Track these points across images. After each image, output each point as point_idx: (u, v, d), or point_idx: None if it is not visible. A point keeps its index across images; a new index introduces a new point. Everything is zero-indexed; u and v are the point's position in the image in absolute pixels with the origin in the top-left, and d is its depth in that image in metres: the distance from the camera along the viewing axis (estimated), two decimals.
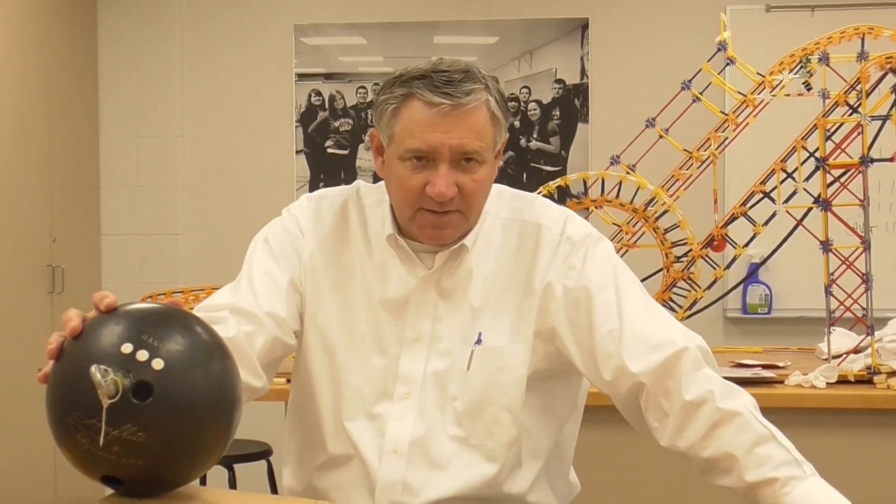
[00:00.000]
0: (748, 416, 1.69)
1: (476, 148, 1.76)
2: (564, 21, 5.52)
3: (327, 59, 5.66)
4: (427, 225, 1.81)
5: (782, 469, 1.63)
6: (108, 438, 1.30)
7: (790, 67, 3.66)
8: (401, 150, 1.78)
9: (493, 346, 1.86)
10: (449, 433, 1.85)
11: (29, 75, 5.06)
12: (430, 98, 1.73)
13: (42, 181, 5.18)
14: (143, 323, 1.38)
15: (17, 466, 4.91)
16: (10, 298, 4.88)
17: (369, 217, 1.94)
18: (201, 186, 5.75)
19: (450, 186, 1.75)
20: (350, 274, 1.91)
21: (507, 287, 1.89)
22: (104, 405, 1.28)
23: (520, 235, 1.91)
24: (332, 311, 1.90)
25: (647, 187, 3.62)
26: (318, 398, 1.91)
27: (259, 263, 1.91)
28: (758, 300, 5.35)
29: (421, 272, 1.87)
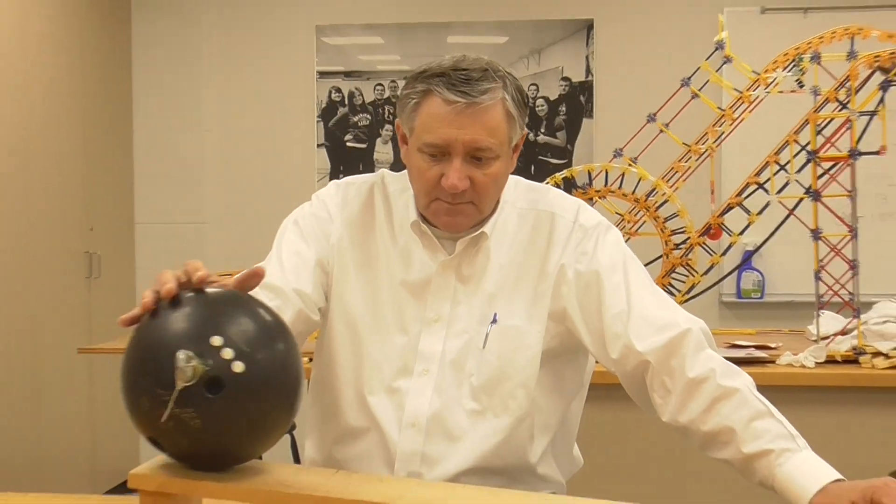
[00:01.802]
0: (747, 393, 1.70)
1: (489, 144, 1.77)
2: (570, 22, 5.51)
3: (347, 57, 5.66)
4: (441, 213, 1.82)
5: (777, 442, 1.64)
6: (169, 413, 1.30)
7: (783, 66, 3.65)
8: (419, 142, 1.79)
9: (510, 326, 1.87)
10: (465, 407, 1.86)
11: (68, 75, 5.07)
12: (447, 96, 1.74)
13: (80, 173, 5.19)
14: (239, 323, 1.38)
15: (59, 440, 4.93)
16: (50, 283, 4.89)
17: (394, 204, 1.95)
18: (227, 178, 5.76)
19: (462, 180, 1.76)
20: (375, 257, 1.92)
21: (523, 272, 1.90)
22: (177, 386, 1.28)
23: (535, 224, 1.92)
24: (357, 292, 1.91)
25: (648, 178, 3.62)
26: (340, 373, 1.91)
27: (288, 243, 1.92)
28: (751, 285, 5.35)
29: (442, 257, 1.89)
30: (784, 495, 1.62)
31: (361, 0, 5.65)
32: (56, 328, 4.93)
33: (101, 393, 5.37)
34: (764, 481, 1.66)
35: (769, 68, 3.69)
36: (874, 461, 3.23)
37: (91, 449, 5.25)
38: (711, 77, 3.73)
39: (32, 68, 4.76)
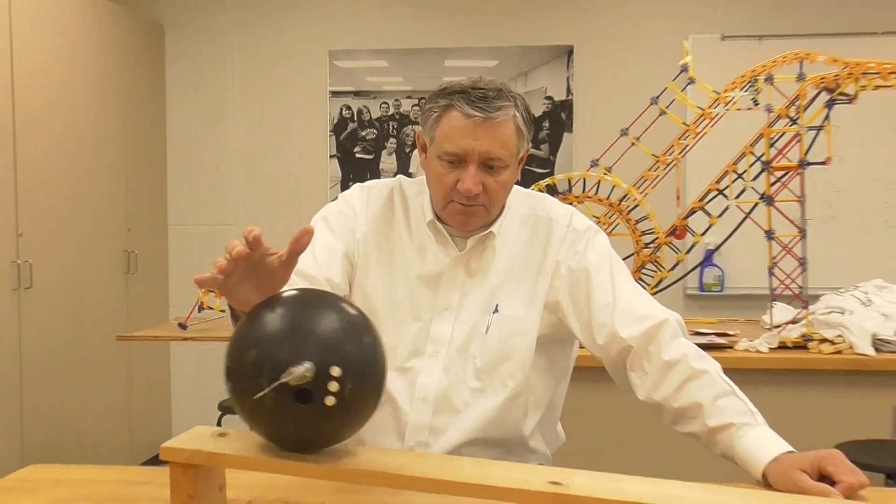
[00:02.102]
0: (714, 375, 1.75)
1: (500, 155, 1.80)
2: (553, 48, 5.51)
3: (356, 79, 5.65)
4: (456, 213, 1.85)
5: (738, 417, 1.68)
6: (262, 397, 1.28)
7: (741, 86, 3.65)
8: (439, 150, 1.82)
9: (510, 315, 1.91)
10: (469, 385, 1.89)
11: (111, 96, 5.07)
12: (467, 110, 1.77)
13: (120, 181, 5.19)
14: (351, 356, 1.33)
15: (99, 418, 4.93)
16: (93, 277, 4.89)
17: (411, 205, 1.98)
18: (250, 185, 5.76)
19: (476, 185, 1.80)
20: (393, 251, 1.95)
21: (523, 268, 1.94)
22: (279, 379, 1.26)
23: (534, 227, 1.96)
24: (377, 281, 1.94)
25: (621, 186, 3.62)
26: None
27: (320, 237, 1.93)
28: (712, 280, 5.35)
29: (453, 253, 1.92)
30: (742, 464, 1.66)
31: (369, 28, 5.65)
32: (97, 318, 4.93)
33: (137, 376, 5.37)
34: (725, 452, 1.69)
35: (728, 88, 3.69)
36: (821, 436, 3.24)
37: (128, 425, 5.25)
38: (677, 96, 3.73)
39: (80, 90, 4.76)
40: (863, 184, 5.27)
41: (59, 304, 4.59)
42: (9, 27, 4.17)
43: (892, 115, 5.24)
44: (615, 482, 1.41)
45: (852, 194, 5.28)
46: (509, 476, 1.40)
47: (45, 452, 4.37)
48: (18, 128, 4.23)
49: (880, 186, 5.28)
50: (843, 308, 3.54)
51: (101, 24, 5.00)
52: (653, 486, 1.40)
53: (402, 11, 5.63)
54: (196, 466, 1.38)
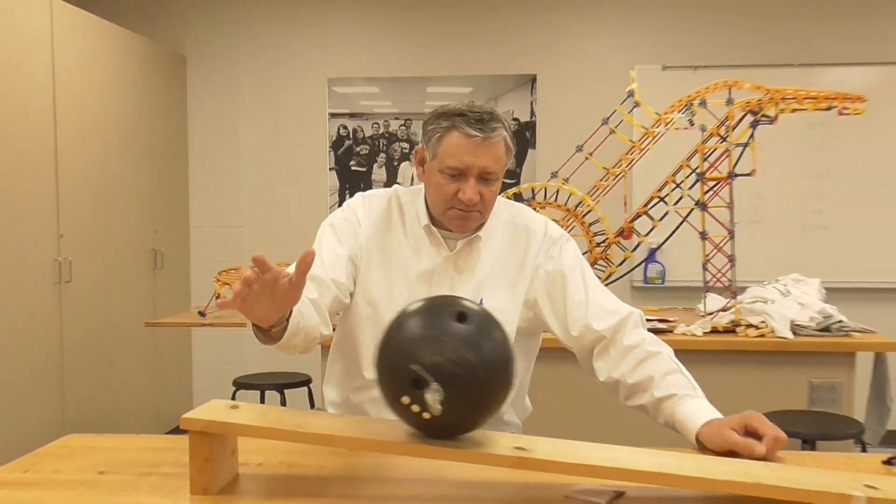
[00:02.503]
0: (665, 356, 1.80)
1: (495, 169, 1.83)
2: (519, 76, 5.51)
3: (351, 102, 5.64)
4: (455, 218, 1.87)
5: (681, 390, 1.72)
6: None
7: (679, 109, 3.66)
8: (442, 165, 1.82)
9: (493, 307, 1.86)
10: None
11: (138, 114, 5.04)
12: (468, 131, 1.79)
13: (147, 189, 5.16)
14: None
15: (129, 393, 4.91)
16: (124, 272, 4.87)
17: (406, 211, 1.97)
18: (260, 193, 5.73)
19: (476, 195, 1.82)
20: (392, 252, 1.95)
21: (505, 267, 1.95)
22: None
23: (514, 233, 1.98)
24: (378, 278, 1.93)
25: (576, 194, 3.62)
26: (361, 339, 1.94)
27: (327, 242, 1.93)
28: (655, 274, 5.36)
29: (444, 253, 1.92)
30: (680, 429, 1.69)
31: (363, 59, 5.64)
32: (128, 307, 4.90)
33: (162, 357, 5.35)
34: (667, 420, 1.72)
35: (668, 111, 3.69)
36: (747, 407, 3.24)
37: (154, 399, 5.23)
38: (624, 117, 3.73)
39: (113, 111, 4.73)
40: (782, 193, 5.30)
41: (95, 295, 4.56)
42: (51, 58, 4.14)
43: (806, 135, 5.27)
44: (572, 448, 1.41)
45: (773, 201, 5.31)
46: (479, 441, 1.40)
47: (82, 423, 4.35)
48: (60, 145, 4.20)
49: (797, 195, 5.31)
50: (766, 298, 3.56)
51: (131, 54, 4.97)
52: (604, 451, 1.40)
53: (390, 45, 5.62)
54: (212, 434, 1.38)
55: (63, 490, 1.40)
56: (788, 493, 1.29)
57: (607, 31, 5.47)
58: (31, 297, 4.00)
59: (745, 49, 5.34)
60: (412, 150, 5.56)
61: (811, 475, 1.37)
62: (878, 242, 5.25)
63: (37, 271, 4.05)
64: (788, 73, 5.22)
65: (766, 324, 3.36)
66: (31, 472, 1.50)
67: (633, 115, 3.77)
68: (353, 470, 1.51)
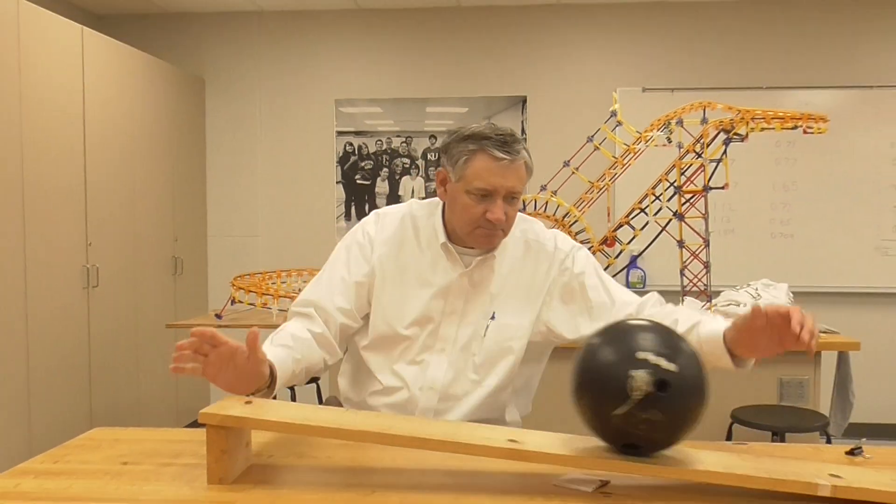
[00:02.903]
0: (684, 307, 1.80)
1: (519, 189, 1.78)
2: (511, 97, 5.52)
3: (356, 121, 5.64)
4: (482, 237, 1.81)
5: (702, 317, 1.72)
6: (637, 419, 1.25)
7: (658, 128, 3.66)
8: (469, 187, 1.76)
9: (503, 323, 1.86)
10: (469, 377, 1.84)
11: (160, 132, 5.04)
12: (495, 154, 1.73)
13: (168, 201, 5.16)
14: (649, 339, 1.30)
15: (151, 389, 4.90)
16: (146, 278, 4.86)
17: (421, 226, 1.91)
18: (273, 204, 5.73)
19: (502, 214, 1.76)
20: (407, 266, 1.88)
21: (517, 284, 1.88)
22: (635, 396, 1.23)
23: (525, 249, 1.91)
24: (393, 294, 1.87)
25: (563, 205, 3.63)
26: (376, 352, 1.89)
27: (338, 269, 1.89)
28: (636, 279, 5.36)
29: (460, 269, 1.86)
30: (708, 347, 1.63)
31: (367, 82, 5.64)
32: (150, 310, 4.90)
33: None
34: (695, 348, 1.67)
35: (648, 129, 3.70)
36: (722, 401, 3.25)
37: (174, 395, 5.21)
38: (608, 135, 3.74)
39: (137, 130, 4.73)
40: (753, 204, 5.31)
41: (120, 299, 4.55)
42: (82, 82, 4.14)
43: (774, 151, 5.28)
44: (560, 440, 1.41)
45: (744, 212, 5.31)
46: (475, 434, 1.39)
47: (107, 417, 4.34)
48: (88, 161, 4.20)
49: (766, 206, 5.31)
50: (739, 301, 3.55)
51: (154, 77, 4.97)
52: (590, 444, 1.39)
53: (392, 69, 5.62)
54: (227, 428, 1.37)
55: (90, 479, 1.40)
56: (759, 482, 1.29)
57: (592, 56, 5.48)
58: (62, 301, 3.99)
59: (718, 73, 5.35)
60: (412, 165, 5.57)
61: (780, 465, 1.37)
62: (840, 250, 5.26)
63: (67, 277, 4.04)
64: (758, 95, 5.23)
65: None
66: (60, 462, 1.50)
67: (615, 133, 3.78)
68: (358, 460, 1.51)
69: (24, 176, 3.68)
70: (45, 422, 3.84)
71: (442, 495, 1.31)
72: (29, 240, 3.73)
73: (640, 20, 5.43)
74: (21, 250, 3.68)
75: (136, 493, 1.32)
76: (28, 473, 1.43)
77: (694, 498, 1.30)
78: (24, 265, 3.70)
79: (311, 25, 5.66)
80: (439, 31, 5.58)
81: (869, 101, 5.24)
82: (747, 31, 5.36)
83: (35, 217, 3.76)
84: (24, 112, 3.69)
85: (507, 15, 5.52)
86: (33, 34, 3.76)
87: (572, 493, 1.33)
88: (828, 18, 5.32)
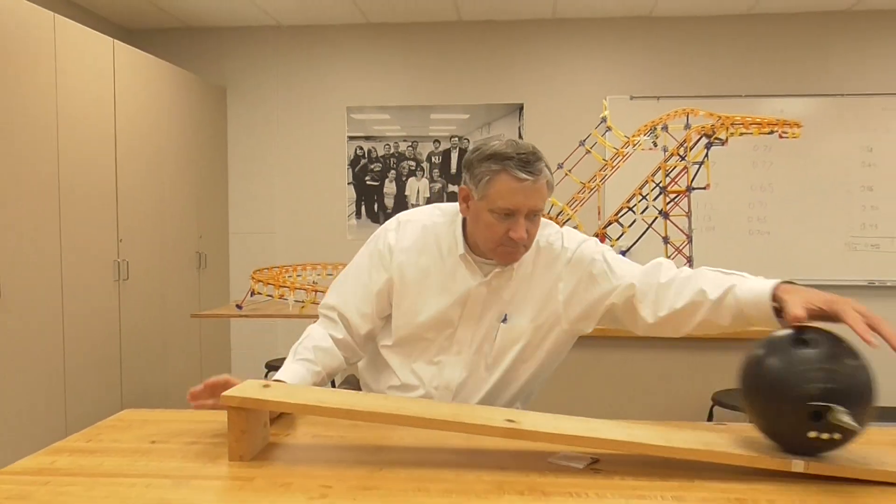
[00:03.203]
0: (704, 271, 1.66)
1: (541, 207, 1.70)
2: (509, 105, 5.51)
3: (366, 127, 5.64)
4: (506, 254, 1.72)
5: (734, 280, 1.59)
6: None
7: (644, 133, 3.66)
8: (493, 206, 1.67)
9: (514, 325, 1.79)
10: (481, 377, 1.81)
11: (185, 138, 5.04)
12: (518, 174, 1.64)
13: (193, 200, 5.16)
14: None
15: (177, 374, 4.91)
16: (174, 271, 4.86)
17: (442, 235, 1.83)
18: (289, 204, 5.73)
19: (525, 233, 1.68)
20: (428, 273, 1.81)
21: (529, 289, 1.80)
22: (835, 420, 1.18)
23: (536, 252, 1.81)
24: (414, 298, 1.81)
25: (558, 205, 3.62)
26: (395, 354, 1.85)
27: (361, 274, 1.85)
28: None
29: (479, 278, 1.78)
30: (751, 310, 1.52)
31: (376, 90, 5.63)
32: (177, 301, 4.90)
33: (205, 344, 5.35)
34: (735, 315, 1.56)
35: (635, 134, 3.69)
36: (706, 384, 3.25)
37: (198, 380, 5.17)
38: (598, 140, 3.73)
39: (164, 136, 4.73)
40: (732, 203, 5.30)
41: (149, 291, 4.55)
42: (113, 91, 4.14)
43: (752, 155, 5.27)
44: (555, 420, 1.40)
45: (725, 211, 5.30)
46: (476, 415, 1.39)
47: (137, 400, 4.35)
48: (119, 164, 4.20)
49: (744, 205, 5.30)
50: None
51: (179, 87, 4.97)
52: (582, 423, 1.39)
53: (399, 79, 5.61)
54: (247, 409, 1.37)
55: (120, 457, 1.40)
56: (738, 459, 1.29)
57: (583, 66, 5.47)
58: (95, 293, 4.00)
59: (700, 82, 5.34)
60: (417, 167, 5.57)
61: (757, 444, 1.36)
62: (812, 245, 5.25)
63: (99, 271, 4.04)
64: (737, 102, 5.22)
65: None
66: (93, 441, 1.50)
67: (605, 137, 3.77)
68: (367, 439, 1.51)
69: (59, 178, 3.69)
70: (79, 404, 3.84)
71: (446, 471, 1.31)
72: (64, 237, 3.73)
73: (628, 34, 5.42)
74: (57, 247, 3.69)
75: (163, 470, 1.32)
76: (63, 451, 1.43)
77: (676, 474, 1.30)
78: (60, 261, 3.70)
79: (324, 39, 5.66)
80: (442, 43, 5.57)
81: (839, 109, 5.23)
82: (727, 44, 5.34)
83: (70, 216, 3.76)
84: (61, 118, 3.69)
85: (505, 29, 5.51)
86: (68, 47, 3.76)
87: (565, 469, 1.33)
88: (801, 33, 5.30)
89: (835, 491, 1.22)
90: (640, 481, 1.27)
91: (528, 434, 1.33)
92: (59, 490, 1.23)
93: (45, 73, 3.59)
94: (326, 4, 5.17)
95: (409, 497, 1.20)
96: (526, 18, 5.46)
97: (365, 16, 5.43)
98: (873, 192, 5.22)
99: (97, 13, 5.26)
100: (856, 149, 5.21)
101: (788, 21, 5.31)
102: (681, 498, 1.19)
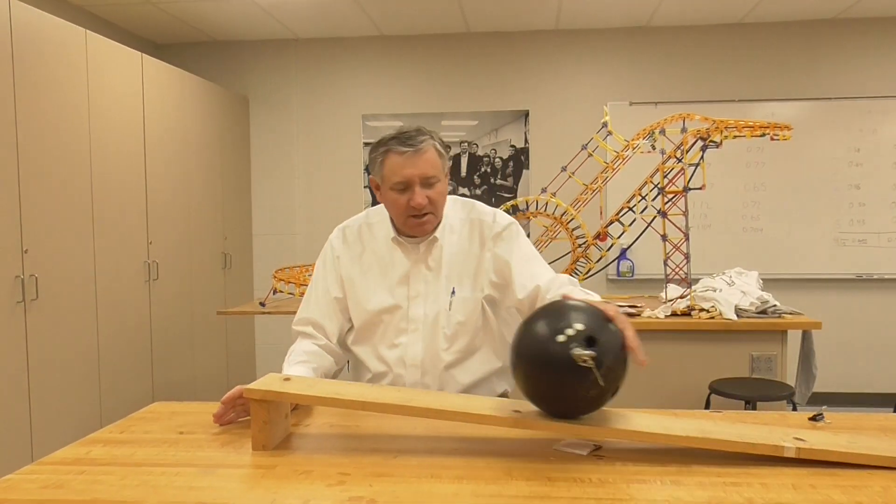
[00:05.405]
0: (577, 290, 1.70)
1: (433, 173, 1.74)
2: (515, 111, 5.50)
3: (380, 133, 5.62)
4: (414, 224, 1.78)
5: (565, 290, 1.66)
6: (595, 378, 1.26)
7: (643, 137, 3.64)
8: (390, 183, 1.75)
9: (462, 296, 1.83)
10: (441, 349, 1.82)
11: (211, 146, 5.05)
12: (400, 150, 1.72)
13: (219, 203, 5.17)
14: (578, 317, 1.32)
15: (204, 369, 4.92)
16: (201, 271, 4.88)
17: (377, 230, 1.89)
18: (309, 206, 5.74)
19: (423, 199, 1.73)
20: (371, 266, 1.86)
21: (466, 260, 1.85)
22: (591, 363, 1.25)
23: (470, 228, 1.87)
24: (365, 289, 1.85)
25: (562, 205, 3.61)
26: (359, 345, 1.88)
27: (319, 284, 1.90)
28: (626, 269, 5.33)
29: (413, 256, 1.84)
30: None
31: (389, 98, 5.63)
32: (204, 300, 4.92)
33: (230, 340, 5.36)
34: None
35: (635, 138, 3.68)
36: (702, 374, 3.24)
37: (224, 374, 5.24)
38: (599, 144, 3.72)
39: (190, 146, 4.75)
40: (727, 203, 5.27)
41: (177, 290, 4.57)
42: (142, 103, 4.16)
43: (745, 156, 5.24)
44: None
45: (720, 210, 5.28)
46: (485, 405, 1.39)
47: (166, 393, 4.36)
48: (148, 172, 4.22)
49: (738, 204, 5.28)
50: (715, 287, 3.54)
51: (204, 97, 4.99)
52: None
53: (411, 88, 5.61)
54: (269, 402, 1.37)
55: (150, 447, 1.40)
56: (733, 445, 1.28)
57: (585, 74, 5.45)
58: (127, 293, 4.02)
59: (696, 88, 5.31)
60: None
61: (751, 430, 1.36)
62: (803, 241, 5.22)
63: (131, 272, 4.06)
64: (730, 107, 5.20)
65: (715, 308, 3.34)
66: (126, 432, 1.51)
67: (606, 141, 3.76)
68: (382, 429, 1.51)
69: (93, 185, 3.71)
70: (112, 397, 3.87)
71: (455, 458, 1.31)
72: (98, 241, 3.75)
73: (627, 43, 5.40)
74: (91, 249, 3.71)
75: (191, 459, 1.33)
76: (98, 442, 1.44)
77: (676, 460, 1.29)
78: (94, 263, 3.72)
79: (340, 50, 5.67)
80: (452, 54, 5.57)
81: (827, 112, 5.19)
82: (721, 52, 5.32)
83: (103, 220, 3.78)
84: (93, 129, 3.71)
85: (512, 39, 5.50)
86: (100, 61, 3.78)
87: (570, 456, 1.33)
88: (791, 41, 5.27)
89: (824, 473, 1.22)
90: (641, 466, 1.26)
91: (533, 423, 1.33)
92: (94, 479, 1.24)
93: (78, 86, 3.61)
94: (342, 18, 5.18)
95: (422, 483, 1.20)
96: (531, 30, 5.45)
97: (379, 28, 5.44)
98: (860, 190, 5.19)
99: (126, 29, 5.28)
100: (843, 149, 5.18)
101: (779, 29, 5.28)
102: (679, 482, 1.19)
